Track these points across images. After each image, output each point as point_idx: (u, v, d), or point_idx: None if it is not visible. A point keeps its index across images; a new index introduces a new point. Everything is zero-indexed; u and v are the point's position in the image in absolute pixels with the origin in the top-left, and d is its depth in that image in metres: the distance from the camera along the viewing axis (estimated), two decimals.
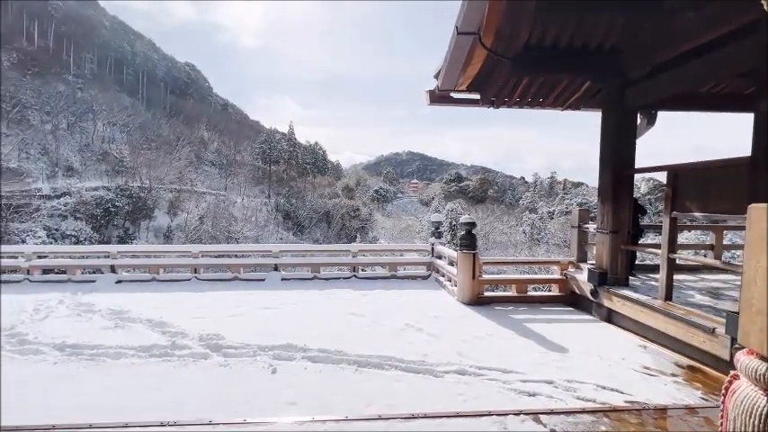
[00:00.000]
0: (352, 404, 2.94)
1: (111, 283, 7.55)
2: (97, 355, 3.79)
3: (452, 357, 3.83)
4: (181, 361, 3.69)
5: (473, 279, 5.86)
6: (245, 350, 3.95)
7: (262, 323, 4.90)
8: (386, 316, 5.25)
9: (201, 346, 4.03)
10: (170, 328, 4.59)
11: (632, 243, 5.34)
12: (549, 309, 5.77)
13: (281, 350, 3.95)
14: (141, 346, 4.00)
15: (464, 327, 4.86)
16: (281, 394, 3.08)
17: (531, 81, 5.71)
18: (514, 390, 3.20)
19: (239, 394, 3.07)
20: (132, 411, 2.77)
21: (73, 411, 2.76)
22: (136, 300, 6.03)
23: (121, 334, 4.45)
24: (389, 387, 3.23)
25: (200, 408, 2.85)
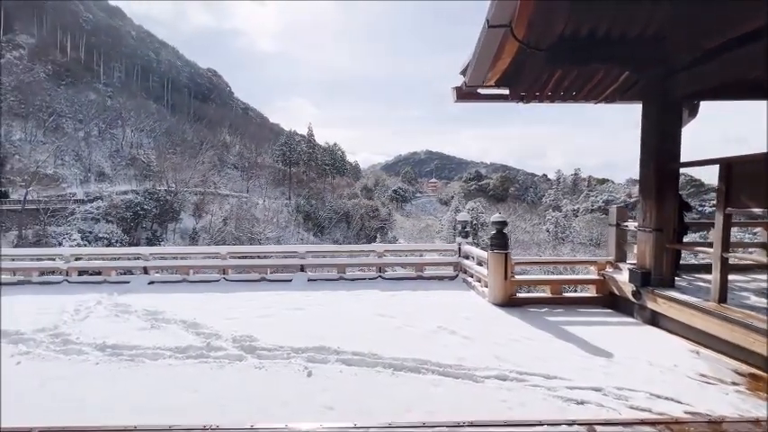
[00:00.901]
0: (391, 409, 2.85)
1: (145, 283, 7.75)
2: (136, 356, 3.85)
3: (490, 361, 3.69)
4: (217, 363, 3.70)
5: (505, 280, 5.69)
6: (279, 352, 3.93)
7: (293, 324, 4.89)
8: (416, 317, 5.14)
9: (236, 348, 4.04)
10: (204, 329, 4.63)
11: (677, 241, 5.04)
12: (586, 311, 5.52)
13: (315, 352, 3.91)
14: (177, 347, 4.04)
15: (498, 329, 4.70)
16: (317, 398, 3.03)
17: (565, 74, 5.48)
18: (561, 397, 3.04)
19: (277, 397, 3.04)
20: (173, 412, 2.78)
21: (117, 412, 2.79)
22: (169, 300, 6.14)
23: (158, 335, 4.52)
24: (428, 392, 3.13)
25: (238, 410, 2.83)
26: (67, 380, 3.37)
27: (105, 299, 6.30)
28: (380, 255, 8.28)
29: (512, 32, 4.51)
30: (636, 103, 5.79)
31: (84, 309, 5.66)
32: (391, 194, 75.90)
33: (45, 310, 5.56)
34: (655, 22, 4.72)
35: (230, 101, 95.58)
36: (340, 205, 57.33)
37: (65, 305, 5.79)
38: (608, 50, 4.85)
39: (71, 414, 2.78)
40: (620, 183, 73.72)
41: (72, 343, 4.22)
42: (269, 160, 67.02)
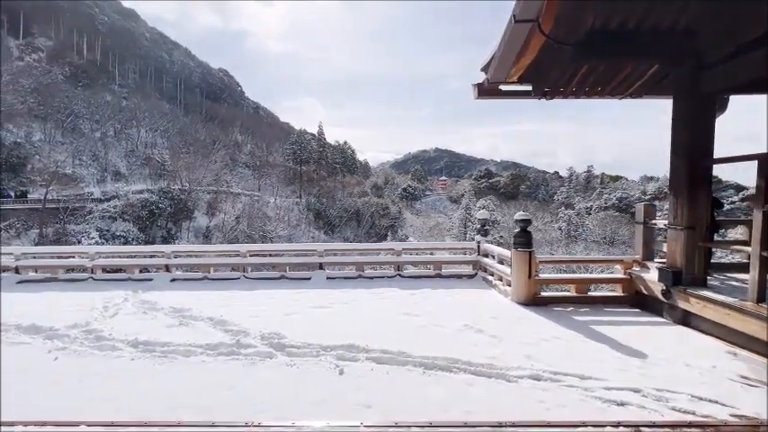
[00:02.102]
0: (427, 409, 2.84)
1: (167, 281, 7.87)
2: (169, 353, 3.91)
3: (522, 361, 3.65)
4: (248, 360, 3.74)
5: (529, 278, 5.62)
6: (308, 350, 3.95)
7: (318, 322, 4.91)
8: (440, 316, 5.12)
9: (265, 345, 4.07)
10: (231, 326, 4.68)
11: (709, 240, 4.92)
12: (613, 310, 5.43)
13: (344, 350, 3.92)
14: (208, 344, 4.09)
15: (525, 329, 4.66)
16: (353, 396, 3.03)
17: (592, 69, 5.37)
18: (599, 398, 2.99)
19: (311, 395, 3.05)
20: (211, 409, 2.81)
21: (156, 408, 2.84)
22: (193, 298, 6.22)
23: (187, 332, 4.59)
24: (463, 392, 3.11)
25: (275, 407, 2.85)
26: (104, 376, 3.44)
27: (131, 296, 6.42)
28: (398, 253, 8.27)
29: (539, 27, 4.44)
30: (664, 97, 5.66)
31: (112, 306, 5.77)
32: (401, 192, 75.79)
33: (75, 307, 5.68)
34: (687, 15, 4.60)
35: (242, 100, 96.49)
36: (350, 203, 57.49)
37: (93, 302, 5.92)
38: (638, 44, 4.74)
39: (111, 410, 2.83)
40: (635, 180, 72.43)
41: (105, 339, 4.30)
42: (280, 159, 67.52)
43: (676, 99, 5.00)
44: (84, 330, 4.59)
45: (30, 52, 59.26)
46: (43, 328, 4.66)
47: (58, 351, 4.01)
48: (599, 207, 55.69)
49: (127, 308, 5.70)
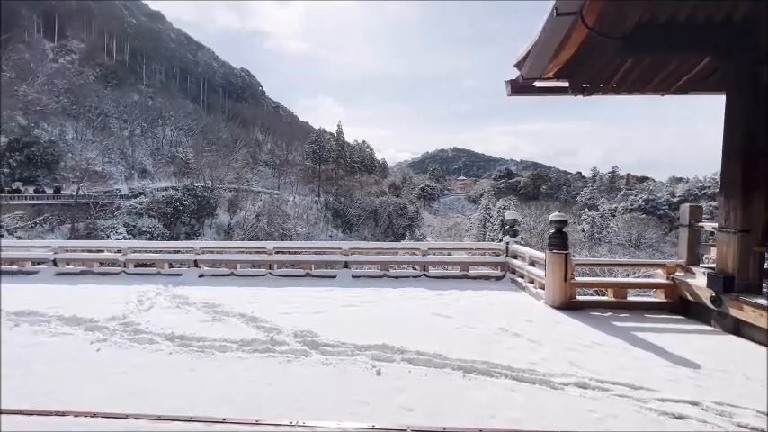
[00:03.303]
0: (474, 413, 2.75)
1: (195, 276, 8.01)
2: (205, 347, 3.94)
3: (565, 367, 3.51)
4: (284, 357, 3.73)
5: (565, 281, 5.43)
6: (342, 349, 3.91)
7: (349, 321, 4.87)
8: (473, 318, 5.00)
9: (299, 343, 4.05)
10: (263, 323, 4.69)
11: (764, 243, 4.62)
12: (654, 316, 5.18)
13: (378, 350, 3.86)
14: (243, 340, 4.10)
15: (564, 333, 4.49)
16: (394, 398, 2.96)
17: (636, 63, 5.13)
18: (654, 410, 2.82)
19: (352, 395, 3.00)
20: (253, 405, 2.80)
21: (199, 402, 2.84)
22: (222, 294, 6.30)
23: (220, 327, 4.62)
24: (506, 397, 3.00)
25: (316, 406, 2.81)
26: (147, 368, 3.48)
27: (163, 290, 6.55)
28: (424, 253, 8.16)
29: (582, 20, 4.26)
30: (715, 93, 5.38)
31: (146, 299, 5.90)
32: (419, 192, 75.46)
33: (111, 300, 5.83)
34: (744, 6, 4.33)
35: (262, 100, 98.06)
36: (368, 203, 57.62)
37: (128, 295, 6.07)
38: (690, 37, 4.49)
39: (155, 402, 2.85)
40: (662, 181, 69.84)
41: (143, 332, 4.38)
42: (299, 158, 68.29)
43: (730, 95, 4.72)
44: (122, 323, 4.69)
45: (63, 54, 61.84)
46: (84, 319, 4.78)
47: (99, 342, 4.11)
48: (624, 209, 53.96)
49: (160, 302, 5.81)
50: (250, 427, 2.44)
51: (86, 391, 3.02)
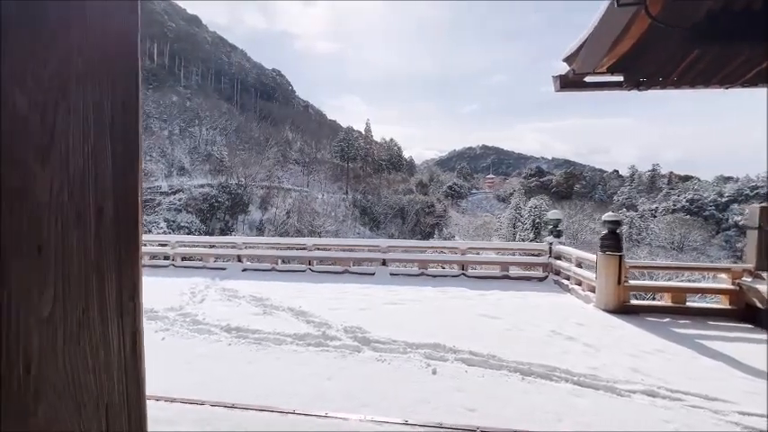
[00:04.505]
0: (536, 416, 2.69)
1: (239, 270, 8.30)
2: (262, 340, 4.07)
3: (629, 374, 3.37)
4: (338, 352, 3.79)
5: (618, 284, 5.21)
6: (394, 346, 3.93)
7: (395, 319, 4.89)
8: (521, 319, 4.90)
9: (350, 339, 4.12)
10: (313, 318, 4.80)
11: None
12: (719, 324, 4.88)
13: (430, 349, 3.85)
14: (296, 334, 4.21)
15: (621, 338, 4.31)
16: (453, 397, 2.95)
17: (702, 54, 4.83)
18: (735, 423, 2.66)
19: (411, 392, 3.01)
20: (318, 399, 2.87)
21: (264, 392, 2.94)
22: (267, 288, 6.49)
23: (272, 321, 4.77)
24: (570, 403, 2.92)
25: (378, 402, 2.84)
26: (210, 358, 3.65)
27: (211, 283, 6.84)
28: (463, 252, 8.08)
29: (646, 10, 4.06)
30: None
31: (198, 292, 6.17)
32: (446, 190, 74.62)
33: (165, 291, 6.14)
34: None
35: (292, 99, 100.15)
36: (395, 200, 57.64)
37: (180, 287, 6.37)
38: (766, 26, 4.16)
39: (221, 392, 2.98)
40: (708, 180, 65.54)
41: (201, 323, 4.59)
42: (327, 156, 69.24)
43: None
44: (181, 314, 4.94)
45: None
46: (146, 309, 5.06)
47: (163, 332, 4.34)
48: (666, 209, 51.13)
49: (211, 294, 6.06)
50: (320, 420, 2.50)
51: (156, 378, 3.19)
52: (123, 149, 0.51)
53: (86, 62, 0.47)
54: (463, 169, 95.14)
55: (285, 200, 49.94)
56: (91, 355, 0.48)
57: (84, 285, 0.48)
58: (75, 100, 0.45)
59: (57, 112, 0.44)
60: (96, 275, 0.49)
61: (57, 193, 0.45)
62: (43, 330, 0.44)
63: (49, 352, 0.44)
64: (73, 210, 0.46)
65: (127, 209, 0.52)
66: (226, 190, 42.39)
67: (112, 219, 0.50)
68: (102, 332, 0.49)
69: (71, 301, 0.46)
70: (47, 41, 0.43)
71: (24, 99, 0.41)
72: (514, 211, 52.04)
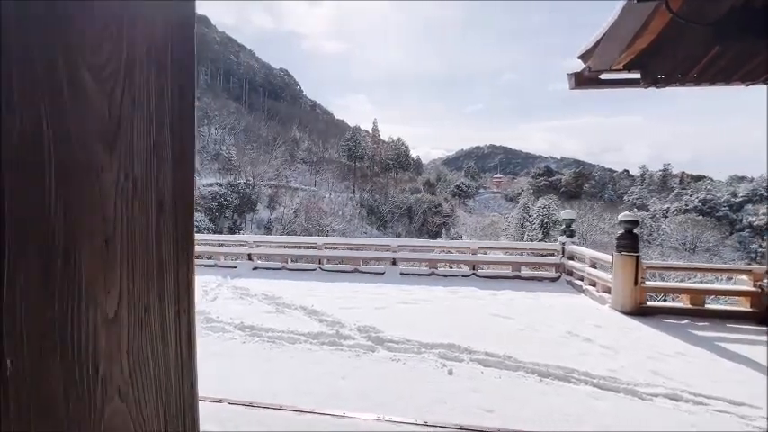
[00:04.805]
0: (555, 418, 2.65)
1: (249, 269, 8.34)
2: (276, 338, 4.07)
3: (650, 377, 3.30)
4: (352, 351, 3.78)
5: (635, 285, 5.12)
6: (408, 346, 3.91)
7: (408, 318, 4.86)
8: (535, 320, 4.84)
9: (364, 338, 4.10)
10: (325, 317, 4.79)
11: None
12: (739, 327, 4.77)
13: (445, 349, 3.82)
14: (309, 332, 4.21)
15: (638, 340, 4.23)
16: (469, 398, 2.92)
17: (724, 50, 4.72)
18: (761, 428, 2.59)
19: (427, 392, 2.99)
20: (333, 398, 2.86)
21: (282, 391, 2.94)
22: (278, 286, 6.50)
23: (285, 319, 4.77)
24: (590, 405, 2.86)
25: (395, 402, 2.82)
26: (225, 357, 3.65)
27: (223, 281, 6.87)
28: (474, 252, 8.02)
29: (666, 5, 3.97)
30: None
31: (210, 290, 6.21)
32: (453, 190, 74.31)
33: None
34: None
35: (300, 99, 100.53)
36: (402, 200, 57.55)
37: None
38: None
39: (237, 389, 2.98)
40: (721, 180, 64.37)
41: (214, 321, 4.60)
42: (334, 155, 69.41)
43: None
44: None
45: None
46: None
47: None
48: (678, 209, 50.36)
49: (224, 292, 6.09)
50: (338, 420, 2.48)
51: None
52: (180, 139, 0.49)
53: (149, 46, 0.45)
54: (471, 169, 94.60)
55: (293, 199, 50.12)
56: (151, 356, 0.46)
57: (146, 283, 0.46)
58: (140, 84, 0.44)
59: (123, 96, 0.42)
60: (157, 273, 0.47)
61: (122, 183, 0.43)
62: (110, 330, 0.42)
63: (114, 352, 0.42)
64: (137, 202, 0.44)
65: (183, 203, 0.50)
66: (234, 189, 42.68)
67: (171, 213, 0.48)
68: (161, 332, 0.48)
69: (134, 299, 0.44)
70: (111, 24, 0.41)
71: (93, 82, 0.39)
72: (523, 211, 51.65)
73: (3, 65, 0.34)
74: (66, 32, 0.38)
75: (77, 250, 0.39)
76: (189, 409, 0.52)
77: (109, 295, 0.42)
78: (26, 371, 0.35)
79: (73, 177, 0.39)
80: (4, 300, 0.33)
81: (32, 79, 0.36)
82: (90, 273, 0.40)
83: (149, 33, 0.44)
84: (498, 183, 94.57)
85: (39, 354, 0.35)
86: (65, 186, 0.38)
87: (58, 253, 0.37)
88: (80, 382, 0.39)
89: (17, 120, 0.34)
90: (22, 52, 0.35)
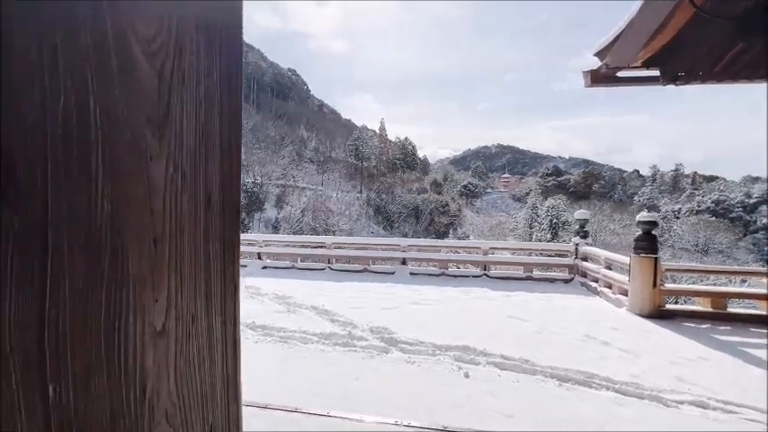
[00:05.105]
0: (584, 425, 2.56)
1: (259, 268, 8.33)
2: (288, 338, 4.03)
3: (674, 383, 3.19)
4: (366, 353, 3.72)
5: (653, 288, 4.99)
6: (422, 347, 3.84)
7: (420, 319, 4.79)
8: (551, 322, 4.74)
9: (377, 339, 4.04)
10: (337, 317, 4.75)
11: None
12: (762, 331, 4.62)
13: (460, 352, 3.75)
14: (322, 333, 4.16)
15: (659, 344, 4.12)
16: (488, 402, 2.85)
17: (747, 48, 4.57)
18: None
19: (444, 395, 2.92)
20: (347, 399, 2.80)
21: (296, 392, 2.89)
22: (289, 286, 6.47)
23: (297, 319, 4.73)
24: (615, 412, 2.77)
25: (413, 405, 2.76)
26: None
27: None
28: (485, 252, 7.92)
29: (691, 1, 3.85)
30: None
31: None
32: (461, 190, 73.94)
33: None
34: None
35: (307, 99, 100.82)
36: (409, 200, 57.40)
37: None
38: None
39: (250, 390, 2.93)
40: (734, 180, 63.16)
41: None
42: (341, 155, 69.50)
43: None
44: None
45: None
46: None
47: None
48: (690, 210, 49.52)
49: None
50: (355, 425, 2.43)
51: None
52: (229, 126, 0.44)
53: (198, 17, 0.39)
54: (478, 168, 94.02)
55: (300, 198, 50.25)
56: (197, 372, 0.41)
57: (194, 290, 0.40)
58: (189, 61, 0.38)
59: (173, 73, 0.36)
60: (205, 277, 0.42)
61: (171, 175, 0.37)
62: (158, 345, 0.36)
63: (162, 370, 0.37)
64: (185, 196, 0.39)
65: (231, 198, 0.45)
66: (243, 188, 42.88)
67: (219, 209, 0.43)
68: (207, 345, 0.42)
69: (182, 309, 0.39)
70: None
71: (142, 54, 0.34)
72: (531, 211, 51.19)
73: (47, 31, 0.29)
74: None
75: (125, 252, 0.33)
76: (234, 427, 0.46)
77: (157, 304, 0.36)
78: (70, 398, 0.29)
79: (121, 165, 0.33)
80: (48, 312, 0.28)
81: (77, 48, 0.30)
82: (138, 278, 0.34)
83: (197, 3, 0.39)
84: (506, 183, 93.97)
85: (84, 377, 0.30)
86: (112, 175, 0.32)
87: (104, 255, 0.32)
88: (127, 407, 0.33)
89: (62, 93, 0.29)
90: (67, 17, 0.30)
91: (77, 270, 0.30)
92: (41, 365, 0.27)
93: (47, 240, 0.29)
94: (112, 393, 0.32)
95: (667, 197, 58.34)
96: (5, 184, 0.27)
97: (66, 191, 0.30)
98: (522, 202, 66.33)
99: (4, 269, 0.27)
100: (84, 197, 0.31)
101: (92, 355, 0.31)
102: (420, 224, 55.23)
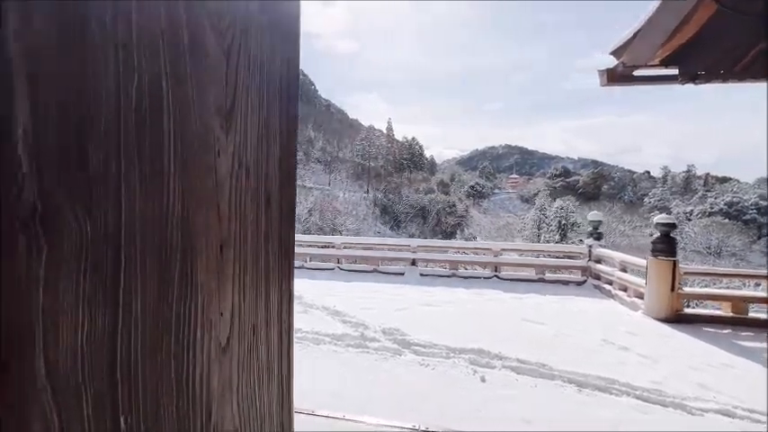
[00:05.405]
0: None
1: None
2: (300, 339, 4.01)
3: (698, 390, 3.10)
4: (379, 354, 3.68)
5: (672, 291, 4.88)
6: (436, 350, 3.79)
7: (432, 321, 4.74)
8: (566, 326, 4.65)
9: (389, 341, 4.00)
10: (348, 318, 4.71)
11: None
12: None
13: (474, 355, 3.68)
14: (334, 334, 4.13)
15: (679, 350, 4.01)
16: (505, 407, 2.79)
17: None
18: None
19: (460, 399, 2.86)
20: (362, 402, 2.76)
21: (309, 394, 2.86)
22: (299, 285, 6.41)
23: (309, 319, 4.71)
24: (638, 419, 2.69)
25: (432, 410, 2.71)
26: None
27: None
28: (497, 253, 7.84)
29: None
30: None
31: None
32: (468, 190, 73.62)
33: None
34: None
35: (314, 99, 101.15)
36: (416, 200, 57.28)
37: None
38: None
39: None
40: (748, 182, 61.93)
41: None
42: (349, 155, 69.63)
43: None
44: None
45: None
46: None
47: None
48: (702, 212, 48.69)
49: None
50: (370, 428, 2.39)
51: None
52: (287, 119, 0.40)
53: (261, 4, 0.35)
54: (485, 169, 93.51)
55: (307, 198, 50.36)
56: (257, 390, 0.37)
57: (255, 299, 0.36)
58: (254, 49, 0.34)
59: (239, 59, 0.32)
60: (265, 285, 0.37)
61: (236, 171, 0.33)
62: (222, 363, 0.32)
63: (226, 390, 0.32)
64: (248, 195, 0.35)
65: (288, 196, 0.40)
66: None
67: (277, 208, 0.39)
68: (266, 360, 0.38)
69: (244, 321, 0.35)
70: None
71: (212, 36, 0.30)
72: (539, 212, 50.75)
73: (122, 13, 0.25)
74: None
75: (193, 260, 0.29)
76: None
77: (222, 318, 0.32)
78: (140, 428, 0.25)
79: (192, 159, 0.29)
80: (120, 335, 0.23)
81: (152, 30, 0.26)
82: (206, 289, 0.30)
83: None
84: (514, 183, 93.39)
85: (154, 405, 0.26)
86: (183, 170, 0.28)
87: (174, 265, 0.27)
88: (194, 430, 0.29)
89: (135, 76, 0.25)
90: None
91: (149, 284, 0.26)
92: (113, 395, 0.23)
93: (120, 250, 0.24)
94: (180, 420, 0.28)
95: (679, 199, 57.45)
96: (77, 175, 0.23)
97: (140, 188, 0.26)
98: (530, 203, 65.79)
99: (78, 288, 0.23)
100: (158, 195, 0.26)
101: (162, 380, 0.27)
102: (427, 224, 55.09)
